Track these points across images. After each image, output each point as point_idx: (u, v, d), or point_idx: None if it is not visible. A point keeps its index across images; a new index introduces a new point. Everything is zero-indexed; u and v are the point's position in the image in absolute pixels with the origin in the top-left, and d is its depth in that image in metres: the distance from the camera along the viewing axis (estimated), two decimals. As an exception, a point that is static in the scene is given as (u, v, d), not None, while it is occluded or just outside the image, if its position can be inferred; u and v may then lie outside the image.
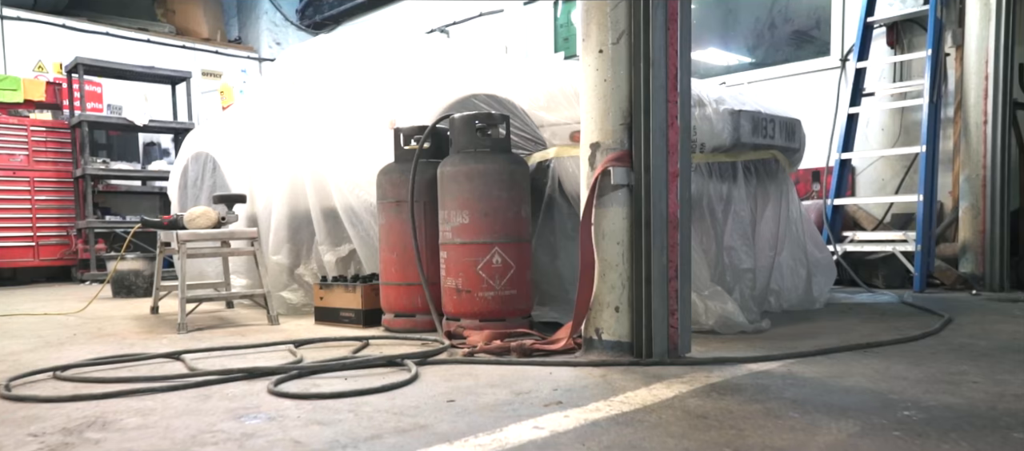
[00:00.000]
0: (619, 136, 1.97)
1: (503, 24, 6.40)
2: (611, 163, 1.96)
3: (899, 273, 4.12)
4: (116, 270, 4.79)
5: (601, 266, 2.01)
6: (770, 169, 3.01)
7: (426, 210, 2.74)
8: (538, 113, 2.73)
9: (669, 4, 1.89)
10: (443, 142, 2.78)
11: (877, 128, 4.54)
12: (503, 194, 2.52)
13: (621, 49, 1.94)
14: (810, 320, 2.88)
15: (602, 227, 2.01)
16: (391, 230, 2.80)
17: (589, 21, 1.97)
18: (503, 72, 2.96)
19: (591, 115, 2.00)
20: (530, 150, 2.79)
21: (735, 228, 2.81)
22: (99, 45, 7.62)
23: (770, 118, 2.87)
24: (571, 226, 2.81)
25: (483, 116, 2.59)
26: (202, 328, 3.12)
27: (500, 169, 2.52)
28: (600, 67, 1.96)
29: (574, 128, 2.67)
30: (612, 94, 1.95)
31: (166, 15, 8.38)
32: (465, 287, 2.54)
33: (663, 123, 1.93)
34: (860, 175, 4.62)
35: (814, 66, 4.75)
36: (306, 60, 3.92)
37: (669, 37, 1.91)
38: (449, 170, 2.56)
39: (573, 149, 2.67)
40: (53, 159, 6.83)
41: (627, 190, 1.98)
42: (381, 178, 2.83)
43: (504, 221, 2.52)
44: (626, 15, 1.92)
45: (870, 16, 4.28)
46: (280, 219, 3.68)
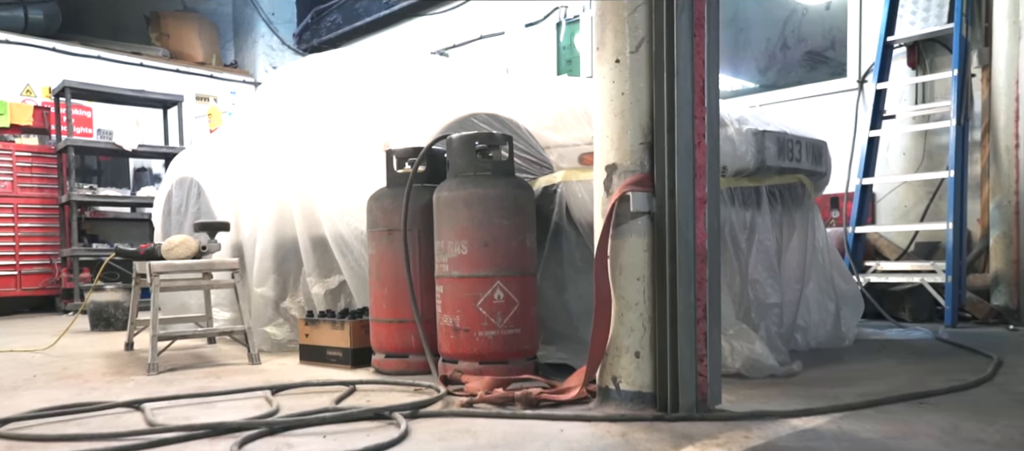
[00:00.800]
0: (639, 157, 1.73)
1: (504, 47, 6.23)
2: (630, 187, 1.71)
3: (926, 306, 3.86)
4: (93, 302, 4.53)
5: (618, 305, 1.76)
6: (796, 195, 2.77)
7: (421, 239, 2.50)
8: (543, 134, 2.51)
9: (696, 7, 1.67)
10: (440, 165, 2.55)
11: (898, 152, 4.32)
12: (505, 222, 2.27)
13: (641, 58, 1.71)
14: (843, 360, 2.61)
15: (619, 260, 1.76)
16: (382, 261, 2.55)
17: (604, 27, 1.75)
18: (505, 90, 2.74)
19: (606, 133, 1.76)
20: (535, 174, 2.56)
21: (760, 259, 2.57)
22: (90, 69, 7.45)
23: (796, 140, 2.64)
24: (580, 256, 2.56)
25: (483, 137, 2.36)
26: (176, 368, 2.85)
27: (502, 194, 2.28)
28: (617, 79, 1.73)
29: (583, 149, 2.44)
30: (630, 109, 1.72)
31: (160, 39, 8.23)
32: (463, 325, 2.28)
33: (689, 142, 1.69)
34: (881, 202, 4.38)
35: (830, 88, 4.54)
36: (296, 80, 3.70)
37: (696, 44, 1.68)
38: (446, 196, 2.32)
39: (582, 172, 2.44)
40: (39, 185, 6.60)
41: (648, 218, 1.73)
42: (372, 205, 2.59)
43: (507, 252, 2.28)
44: (646, 20, 1.70)
45: (890, 35, 4.08)
46: (265, 248, 3.43)
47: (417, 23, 7.21)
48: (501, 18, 6.25)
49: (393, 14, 7.23)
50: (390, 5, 7.20)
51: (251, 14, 8.66)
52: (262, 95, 3.95)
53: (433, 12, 7.01)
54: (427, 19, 7.10)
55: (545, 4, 6.04)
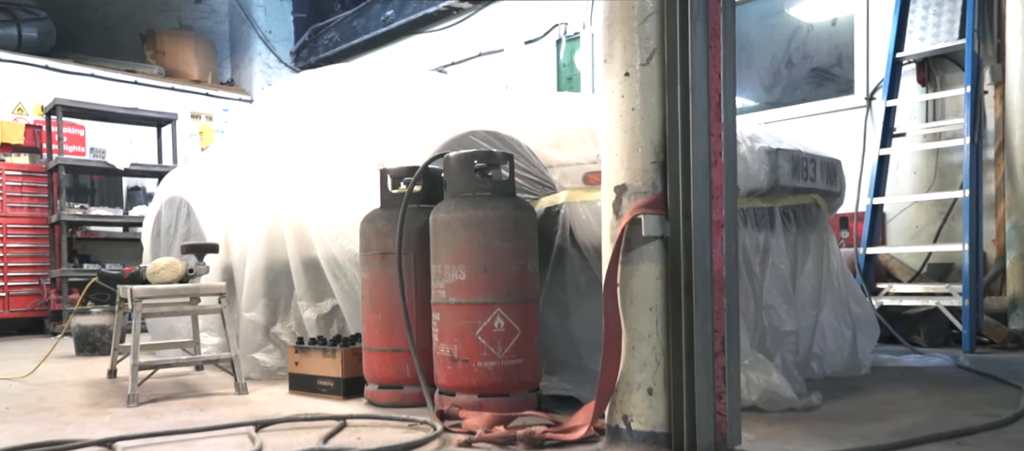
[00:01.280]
0: (651, 177, 1.60)
1: (503, 64, 6.14)
2: (641, 210, 1.59)
3: (942, 329, 3.72)
4: (78, 325, 4.38)
5: (629, 337, 1.62)
6: (810, 215, 2.65)
7: (416, 263, 2.36)
8: (546, 152, 2.39)
9: (711, 17, 1.55)
10: (437, 185, 2.42)
11: (908, 171, 4.20)
12: (506, 245, 2.14)
13: (652, 71, 1.59)
14: (862, 391, 2.47)
15: (630, 289, 1.63)
16: (375, 286, 2.41)
17: (612, 38, 1.63)
18: (505, 107, 2.62)
19: (615, 151, 1.64)
20: (537, 194, 2.44)
21: (774, 284, 2.44)
22: (84, 87, 7.34)
23: (810, 158, 2.52)
24: (585, 281, 2.43)
25: (483, 155, 2.24)
26: (157, 398, 2.70)
27: (503, 216, 2.15)
28: (626, 93, 1.61)
29: (587, 168, 2.32)
30: (641, 126, 1.60)
31: (156, 57, 8.14)
32: (461, 356, 2.14)
33: (705, 161, 1.56)
34: (891, 222, 4.26)
35: (837, 105, 4.43)
36: (289, 96, 3.59)
37: (711, 56, 1.56)
38: (443, 217, 2.19)
39: (586, 193, 2.32)
40: (28, 204, 6.47)
41: (661, 243, 1.60)
42: (365, 226, 2.46)
43: (507, 277, 2.14)
44: (658, 30, 1.58)
45: (899, 52, 3.98)
46: (255, 271, 3.29)
47: (415, 41, 7.13)
48: (500, 35, 6.18)
49: (391, 32, 7.15)
50: (388, 23, 7.13)
51: (248, 32, 8.59)
52: (255, 112, 3.84)
53: (431, 30, 6.94)
54: (425, 37, 7.02)
55: (545, 21, 5.96)
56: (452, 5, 6.54)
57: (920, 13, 3.96)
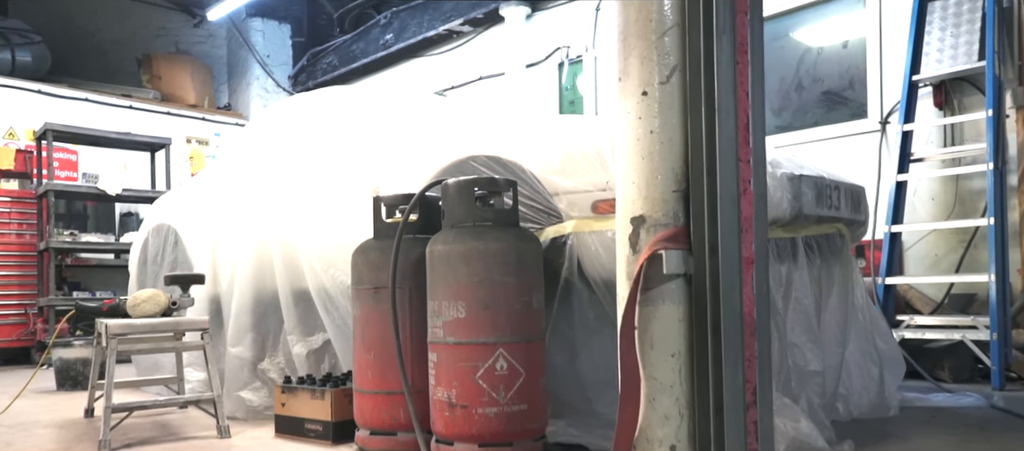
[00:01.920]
0: (672, 207, 1.43)
1: (504, 88, 6.02)
2: (662, 244, 1.42)
3: (967, 364, 3.53)
4: (60, 358, 4.18)
5: (649, 387, 1.44)
6: (834, 246, 2.48)
7: (412, 299, 2.19)
8: (551, 178, 2.22)
9: (738, 29, 1.40)
10: (434, 214, 2.25)
11: (926, 197, 4.04)
12: (509, 280, 1.97)
13: (672, 90, 1.43)
14: (894, 437, 2.28)
15: (650, 332, 1.45)
16: (367, 323, 2.23)
17: (627, 54, 1.47)
18: (508, 131, 2.47)
19: (632, 179, 1.47)
20: (542, 223, 2.27)
21: (798, 320, 2.26)
22: (78, 111, 7.22)
23: (834, 185, 2.36)
24: (594, 316, 2.26)
25: (484, 182, 2.08)
26: (132, 443, 2.51)
27: (505, 248, 1.98)
28: (644, 115, 1.45)
29: (596, 196, 2.16)
30: (661, 151, 1.43)
31: (152, 81, 8.04)
32: (460, 401, 1.95)
33: (733, 189, 1.40)
34: (909, 250, 4.09)
35: (849, 130, 4.29)
36: (282, 119, 3.44)
37: (738, 73, 1.40)
38: (441, 250, 2.02)
39: (595, 222, 2.15)
40: (17, 231, 6.29)
41: (684, 281, 1.43)
42: (357, 258, 2.28)
43: (510, 315, 1.97)
44: (679, 45, 1.43)
45: (915, 74, 3.84)
46: (242, 303, 3.11)
47: (414, 64, 7.02)
48: (501, 59, 6.06)
49: (390, 56, 7.05)
50: (387, 47, 7.03)
51: (246, 56, 8.50)
52: (246, 136, 3.69)
53: (431, 53, 6.84)
54: (425, 60, 6.92)
55: (546, 45, 5.85)
56: (452, 29, 6.45)
57: (936, 35, 3.83)
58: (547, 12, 5.88)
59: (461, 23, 6.32)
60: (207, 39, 8.86)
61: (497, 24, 6.13)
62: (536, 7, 5.90)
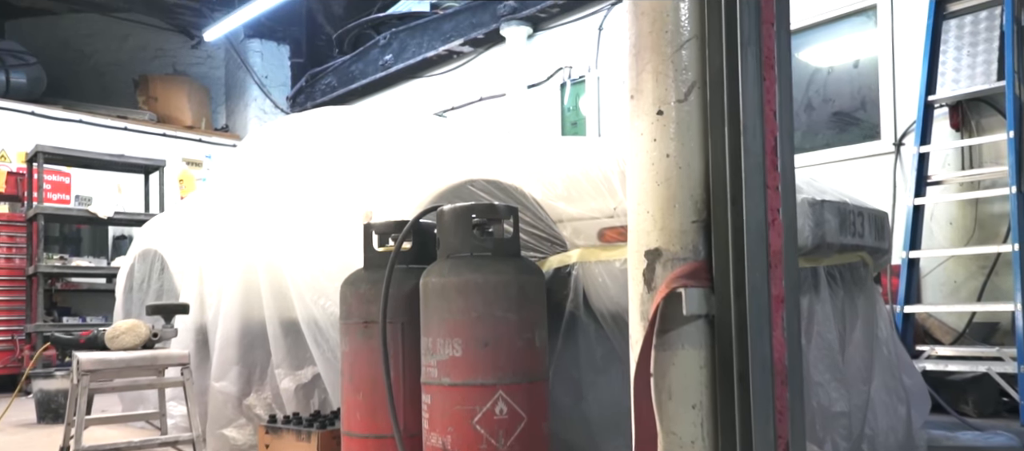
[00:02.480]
0: (691, 240, 1.28)
1: (505, 109, 5.90)
2: (681, 281, 1.26)
3: (992, 398, 3.35)
4: (41, 390, 4.01)
5: (667, 443, 1.28)
6: (858, 276, 2.32)
7: (404, 335, 2.02)
8: (555, 204, 2.08)
9: (764, 42, 1.26)
10: (430, 242, 2.10)
11: (944, 222, 3.89)
12: (510, 315, 1.81)
13: (691, 109, 1.29)
14: (928, 483, 2.11)
15: (668, 381, 1.29)
16: (356, 361, 2.07)
17: (640, 69, 1.33)
18: (508, 153, 2.32)
19: (645, 208, 1.32)
20: (545, 252, 2.12)
21: (821, 357, 2.09)
22: (72, 133, 7.11)
23: (858, 211, 2.21)
24: (601, 353, 2.09)
25: (482, 208, 1.93)
26: (104, 489, 2.33)
27: (506, 281, 1.83)
28: (659, 136, 1.30)
29: (604, 224, 2.00)
30: (679, 176, 1.28)
31: (148, 103, 7.94)
32: (455, 447, 1.78)
33: (761, 219, 1.24)
34: (926, 277, 3.92)
35: (862, 151, 4.15)
36: (274, 141, 3.30)
37: (765, 90, 1.26)
38: (435, 282, 1.86)
39: (603, 251, 2.00)
40: (6, 255, 6.15)
41: (705, 323, 1.27)
42: (346, 290, 2.13)
43: (511, 353, 1.80)
44: (698, 58, 1.28)
45: (930, 95, 3.71)
46: (228, 335, 2.95)
47: (414, 85, 6.92)
48: (502, 80, 5.95)
49: (389, 76, 6.95)
50: (386, 67, 6.93)
51: (244, 77, 8.42)
52: (237, 158, 3.55)
53: (431, 74, 6.73)
54: (424, 81, 6.82)
55: (548, 65, 5.74)
56: (452, 49, 6.35)
57: (952, 54, 3.70)
58: (549, 32, 5.79)
59: (461, 43, 6.23)
60: (205, 60, 8.78)
61: (498, 44, 6.03)
62: (538, 27, 5.81)
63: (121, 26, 8.48)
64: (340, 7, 8.46)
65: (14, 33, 8.09)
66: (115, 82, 8.44)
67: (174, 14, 8.09)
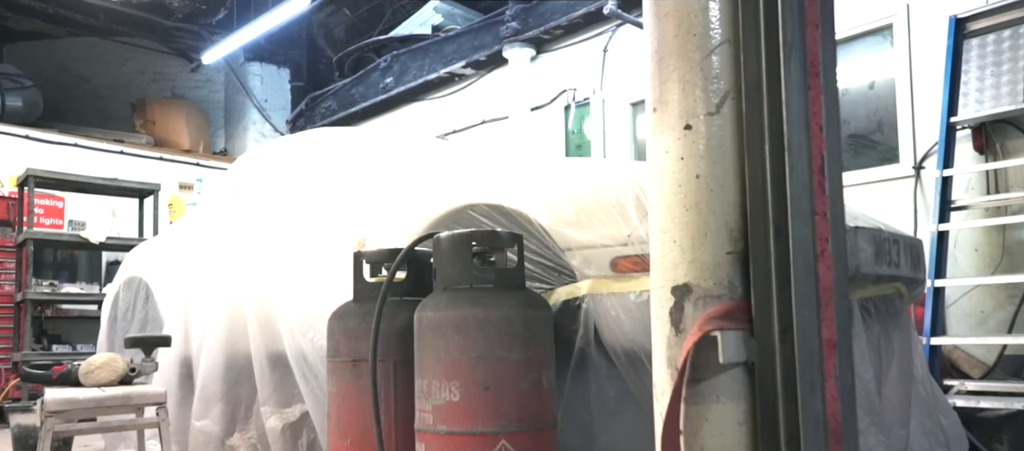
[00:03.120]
0: (726, 274, 1.10)
1: (508, 132, 5.76)
2: (716, 323, 1.08)
3: (1028, 437, 3.14)
4: (18, 425, 3.79)
5: (700, 513, 1.09)
6: (893, 309, 2.13)
7: (397, 374, 1.84)
8: (563, 231, 1.90)
9: (808, 46, 1.09)
10: (426, 273, 1.92)
11: (969, 248, 3.70)
12: (513, 355, 1.63)
13: (724, 123, 1.12)
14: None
15: (700, 439, 1.10)
16: (344, 404, 1.88)
17: (665, 78, 1.16)
18: (512, 176, 2.15)
19: (672, 236, 1.14)
20: (552, 283, 1.94)
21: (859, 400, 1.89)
22: (68, 157, 6.99)
23: (893, 238, 2.03)
24: (614, 394, 1.90)
25: (483, 235, 1.75)
26: (69, 542, 2.13)
27: (509, 315, 1.65)
28: (687, 154, 1.13)
29: (617, 252, 1.83)
30: (710, 200, 1.11)
31: (145, 126, 7.83)
32: (453, 504, 1.59)
33: (808, 250, 1.07)
34: (951, 307, 3.72)
35: (880, 175, 3.97)
36: (264, 163, 3.15)
37: (810, 101, 1.09)
38: (431, 317, 1.68)
39: (616, 282, 1.82)
40: (-6, 281, 5.98)
41: (745, 372, 1.09)
42: (333, 325, 1.94)
43: (516, 397, 1.62)
44: (732, 65, 1.12)
45: (952, 116, 3.55)
46: (211, 369, 2.76)
47: (415, 108, 6.80)
48: (504, 102, 5.82)
49: (390, 99, 6.83)
50: (387, 90, 6.82)
51: (243, 101, 8.32)
52: (227, 181, 3.39)
53: (432, 97, 6.61)
54: (426, 104, 6.69)
55: (552, 87, 5.61)
56: (454, 71, 6.23)
57: (975, 74, 3.55)
58: (552, 54, 5.67)
59: (463, 66, 6.11)
60: (205, 84, 8.70)
61: (500, 66, 5.91)
62: (541, 49, 5.69)
63: (120, 50, 8.41)
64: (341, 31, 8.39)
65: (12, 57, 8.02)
66: (113, 106, 8.35)
67: (174, 38, 8.02)
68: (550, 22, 5.42)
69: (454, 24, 6.55)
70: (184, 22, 7.52)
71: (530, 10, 5.62)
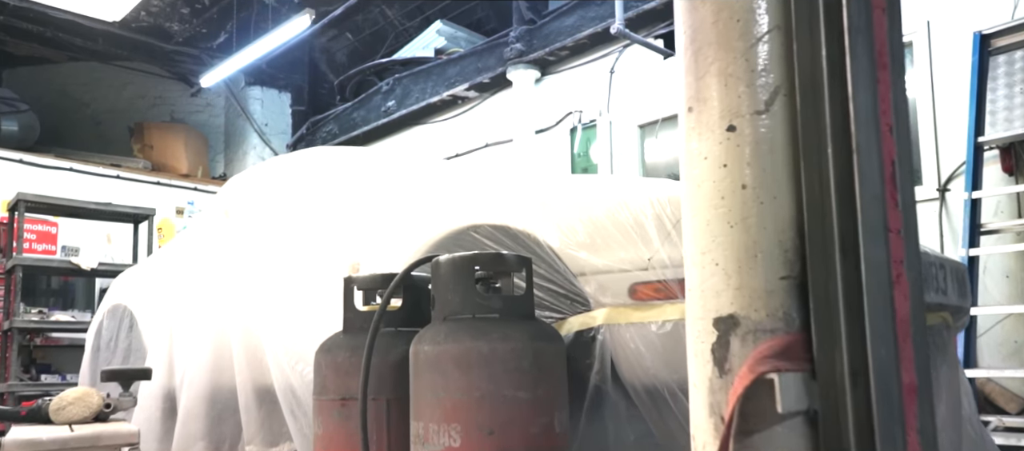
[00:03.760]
0: (781, 303, 0.92)
1: (512, 155, 5.61)
2: (770, 363, 0.89)
3: (1072, 479, 2.91)
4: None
5: None
6: (940, 341, 1.94)
7: (391, 414, 1.64)
8: (576, 254, 1.72)
9: (876, 33, 0.92)
10: (424, 301, 1.74)
11: (999, 275, 3.50)
12: (522, 394, 1.44)
13: (775, 123, 0.94)
14: None
15: (753, 505, 0.90)
16: (331, 446, 1.68)
17: (702, 72, 0.99)
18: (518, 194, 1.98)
19: (713, 258, 0.96)
20: (563, 312, 1.75)
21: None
22: (62, 181, 6.85)
23: (939, 263, 1.85)
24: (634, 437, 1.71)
25: (487, 258, 1.57)
26: None
27: (516, 349, 1.46)
28: (731, 161, 0.95)
29: (636, 277, 1.65)
30: (760, 215, 0.93)
31: (143, 151, 7.71)
32: None
33: (882, 275, 0.88)
34: (982, 337, 3.51)
35: (902, 198, 3.79)
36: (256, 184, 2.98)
37: (879, 98, 0.91)
38: (428, 351, 1.49)
39: (635, 311, 1.64)
40: (-17, 309, 5.80)
41: (805, 422, 0.90)
42: (320, 359, 1.75)
43: (524, 443, 1.42)
44: (784, 55, 0.94)
45: (979, 136, 3.38)
46: (193, 405, 2.57)
47: (417, 131, 6.66)
48: (509, 125, 5.68)
49: (392, 123, 6.70)
50: (389, 113, 6.69)
51: (243, 125, 8.21)
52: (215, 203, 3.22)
53: (435, 120, 6.48)
54: (428, 127, 6.56)
55: (557, 109, 5.47)
56: (457, 94, 6.11)
57: (1002, 93, 3.39)
58: (557, 75, 5.54)
59: (466, 88, 5.99)
60: (205, 108, 8.60)
61: (504, 89, 5.78)
62: (546, 70, 5.56)
63: (121, 74, 8.33)
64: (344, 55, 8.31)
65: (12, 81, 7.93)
66: (112, 130, 8.25)
67: (174, 62, 7.94)
68: (555, 43, 5.30)
69: (457, 47, 6.45)
70: (184, 46, 7.44)
71: (535, 31, 5.50)
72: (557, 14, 5.38)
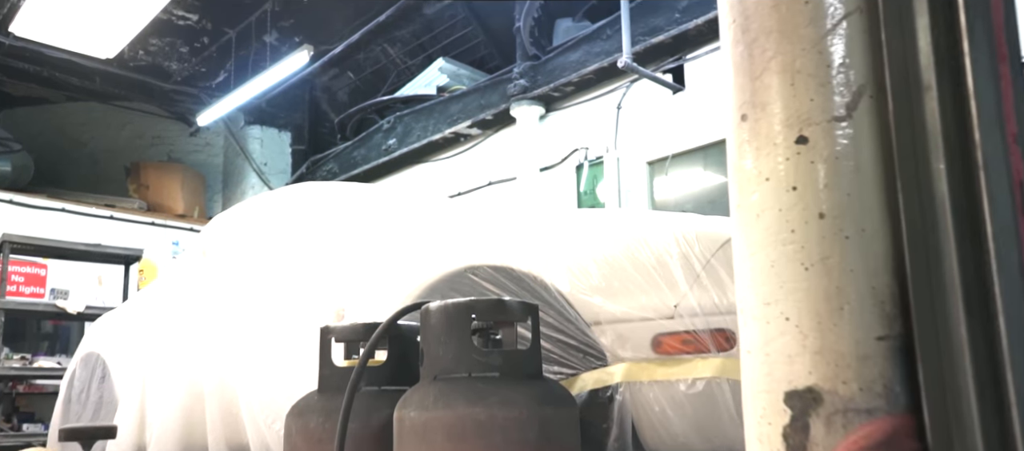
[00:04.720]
0: (879, 371, 0.68)
1: (516, 194, 5.41)
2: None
3: None
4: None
5: None
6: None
7: (372, 493, 1.38)
8: (589, 300, 1.49)
9: (994, 23, 0.70)
10: (412, 354, 1.49)
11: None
12: (528, 472, 1.18)
13: (860, 134, 0.72)
14: None
15: None
16: (302, 532, 1.42)
17: (759, 69, 0.77)
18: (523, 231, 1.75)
19: (780, 310, 0.72)
20: (575, 367, 1.51)
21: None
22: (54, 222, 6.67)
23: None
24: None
25: (486, 305, 1.34)
26: None
27: (521, 417, 1.21)
28: (802, 182, 0.72)
29: (660, 328, 1.42)
30: (846, 253, 0.70)
31: (139, 191, 7.55)
32: None
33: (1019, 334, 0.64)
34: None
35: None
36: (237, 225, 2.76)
37: (1002, 98, 0.69)
38: (414, 418, 1.25)
39: (660, 367, 1.40)
40: (-37, 356, 5.55)
41: (921, 539, 0.65)
42: (290, 425, 1.50)
43: (530, 533, 1.16)
44: (868, 46, 0.73)
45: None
46: (160, 469, 2.30)
47: (419, 170, 6.48)
48: (512, 163, 5.49)
49: (393, 161, 6.53)
50: (389, 152, 6.53)
51: (242, 164, 8.06)
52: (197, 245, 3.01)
53: (437, 158, 6.31)
54: (430, 166, 6.38)
55: (563, 146, 5.28)
56: (459, 131, 5.94)
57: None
58: (563, 112, 5.37)
59: (469, 125, 5.82)
60: (203, 148, 8.47)
61: (508, 126, 5.61)
62: (551, 107, 5.40)
63: (119, 114, 8.23)
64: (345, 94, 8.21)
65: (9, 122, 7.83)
66: (109, 170, 8.11)
67: (173, 101, 7.83)
68: (560, 79, 5.14)
69: (460, 85, 6.32)
70: (183, 85, 7.34)
71: (539, 67, 5.36)
72: (562, 49, 5.24)
